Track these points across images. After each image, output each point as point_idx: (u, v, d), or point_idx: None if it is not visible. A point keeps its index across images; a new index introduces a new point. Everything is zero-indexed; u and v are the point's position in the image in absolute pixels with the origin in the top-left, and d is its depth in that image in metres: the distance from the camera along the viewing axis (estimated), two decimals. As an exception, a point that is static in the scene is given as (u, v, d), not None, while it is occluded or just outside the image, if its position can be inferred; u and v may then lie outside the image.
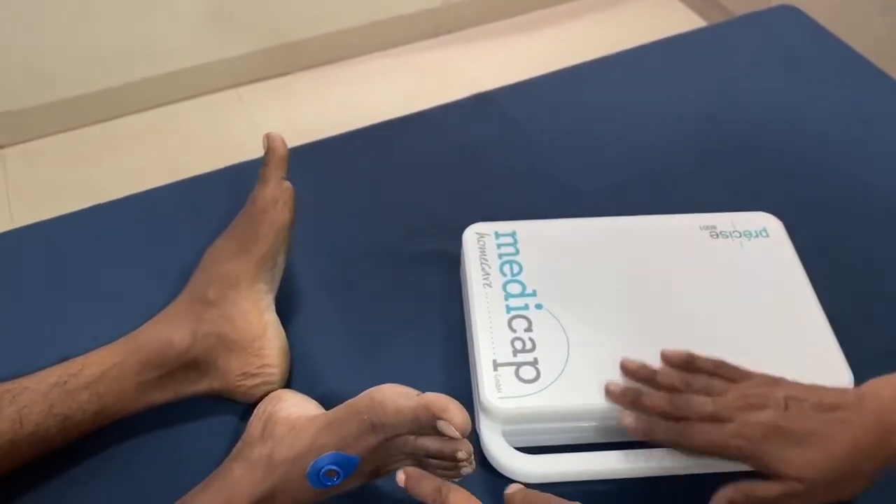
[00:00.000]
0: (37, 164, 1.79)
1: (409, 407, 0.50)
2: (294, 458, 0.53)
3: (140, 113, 1.88)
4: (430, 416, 0.50)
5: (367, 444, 0.52)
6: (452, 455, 0.51)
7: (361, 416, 0.52)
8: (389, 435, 0.52)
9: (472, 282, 0.66)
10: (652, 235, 0.70)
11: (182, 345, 0.61)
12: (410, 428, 0.51)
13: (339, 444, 0.52)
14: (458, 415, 0.49)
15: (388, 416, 0.51)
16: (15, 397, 0.57)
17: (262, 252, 0.63)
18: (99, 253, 0.75)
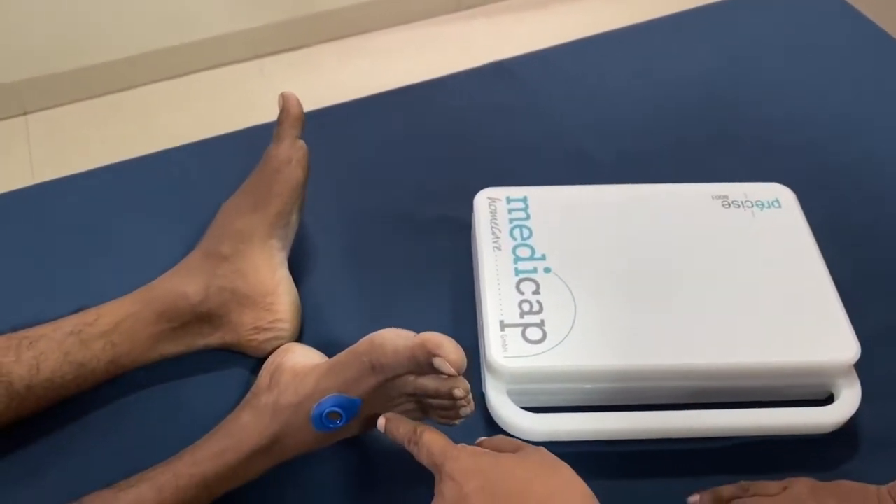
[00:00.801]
0: (59, 130, 1.81)
1: (407, 346, 0.51)
2: (298, 403, 0.55)
3: (161, 82, 1.89)
4: (426, 353, 0.50)
5: (367, 386, 0.53)
6: (449, 393, 0.52)
7: (361, 358, 0.53)
8: (389, 376, 0.53)
9: (481, 245, 0.66)
10: (663, 203, 0.70)
11: (195, 298, 0.62)
12: (408, 367, 0.52)
13: (341, 387, 0.53)
14: (452, 351, 0.50)
15: (386, 356, 0.52)
16: (32, 344, 0.58)
17: (276, 210, 0.64)
18: (116, 209, 0.76)
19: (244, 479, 0.55)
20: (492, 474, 0.46)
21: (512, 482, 0.46)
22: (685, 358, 0.60)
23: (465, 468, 0.46)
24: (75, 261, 0.72)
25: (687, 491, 0.58)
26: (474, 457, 0.48)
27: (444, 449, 0.49)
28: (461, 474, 0.46)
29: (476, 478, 0.46)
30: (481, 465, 0.47)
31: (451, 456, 0.48)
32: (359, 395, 0.53)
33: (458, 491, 0.46)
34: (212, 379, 0.64)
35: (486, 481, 0.46)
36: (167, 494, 0.52)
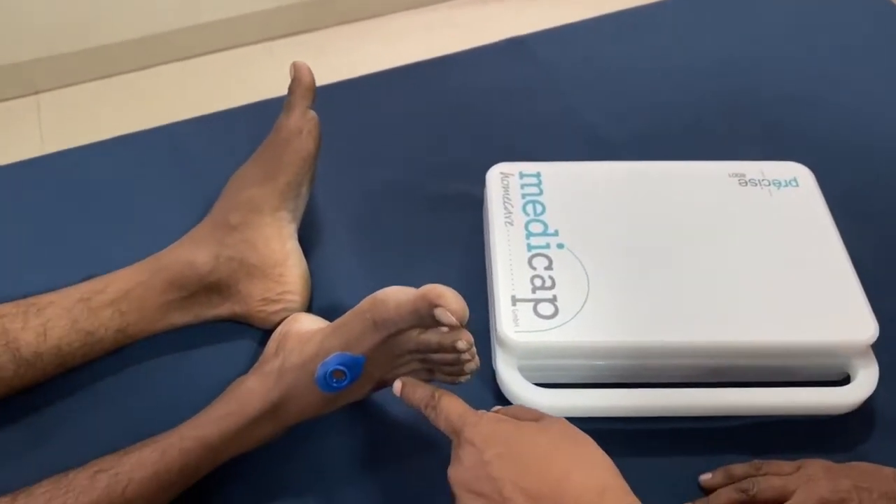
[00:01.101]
0: (70, 110, 1.81)
1: (408, 300, 0.50)
2: (302, 364, 0.54)
3: (171, 63, 1.89)
4: (428, 304, 0.49)
5: (370, 343, 0.52)
6: (453, 345, 0.51)
7: (364, 315, 0.52)
8: (392, 331, 0.52)
9: (493, 220, 0.66)
10: (679, 180, 0.69)
11: (204, 268, 0.61)
12: (411, 321, 0.51)
13: (344, 346, 0.53)
14: (453, 300, 0.49)
15: (388, 311, 0.51)
16: (40, 310, 0.58)
17: (286, 180, 0.63)
18: (125, 180, 0.75)
19: (250, 443, 0.55)
20: (513, 441, 0.45)
21: (534, 450, 0.45)
22: (699, 335, 0.59)
23: (485, 434, 0.46)
24: (84, 231, 0.71)
25: (699, 469, 0.57)
26: (495, 423, 0.47)
27: (463, 414, 0.48)
28: (481, 440, 0.45)
29: (497, 444, 0.45)
30: (502, 432, 0.46)
31: (470, 421, 0.47)
32: (362, 353, 0.52)
33: (478, 457, 0.45)
34: (220, 350, 0.63)
35: (507, 448, 0.45)
36: (171, 457, 0.52)
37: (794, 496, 0.53)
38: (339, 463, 0.58)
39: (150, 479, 0.51)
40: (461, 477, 0.46)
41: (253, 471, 0.57)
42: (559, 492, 0.42)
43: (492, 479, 0.44)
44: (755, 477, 0.55)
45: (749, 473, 0.56)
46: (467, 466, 0.45)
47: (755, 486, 0.54)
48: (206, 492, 0.55)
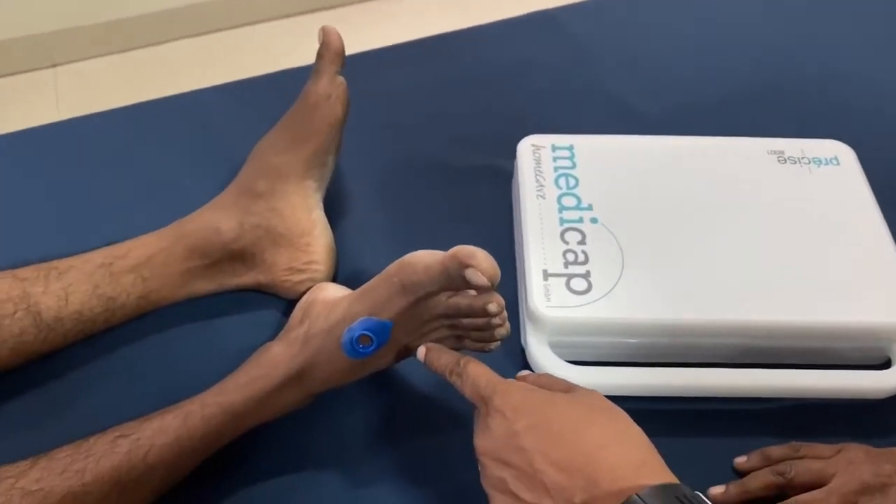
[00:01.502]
0: (87, 83, 1.80)
1: (437, 261, 0.49)
2: (329, 330, 0.52)
3: (191, 38, 1.87)
4: (458, 265, 0.47)
5: (398, 307, 0.51)
6: (483, 309, 0.49)
7: (391, 279, 0.51)
8: (420, 294, 0.50)
9: (524, 193, 0.64)
10: (716, 156, 0.67)
11: (229, 234, 0.60)
12: (440, 283, 0.49)
13: (371, 310, 0.51)
14: (485, 260, 0.47)
15: (417, 274, 0.50)
16: (61, 274, 0.57)
17: (313, 148, 0.62)
18: (147, 147, 0.74)
19: (274, 411, 0.54)
20: (545, 413, 0.44)
21: (566, 423, 0.43)
22: (736, 314, 0.57)
23: (516, 403, 0.44)
24: (105, 198, 0.70)
25: (734, 452, 0.56)
26: (526, 392, 0.45)
27: (491, 381, 0.46)
28: (512, 410, 0.44)
29: (528, 415, 0.43)
30: (534, 402, 0.44)
31: (500, 389, 0.45)
32: (390, 318, 0.51)
33: (508, 427, 0.43)
34: (243, 319, 0.62)
35: (539, 420, 0.43)
36: (193, 423, 0.51)
37: (834, 480, 0.52)
38: (363, 432, 0.57)
39: (172, 446, 0.50)
40: (489, 446, 0.44)
41: (276, 439, 0.56)
42: (592, 465, 0.41)
43: (522, 449, 0.42)
44: (793, 460, 0.54)
45: (786, 456, 0.54)
46: (496, 436, 0.44)
47: (792, 469, 0.53)
48: (229, 459, 0.54)
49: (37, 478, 0.47)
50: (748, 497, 0.53)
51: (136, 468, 0.49)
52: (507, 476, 0.42)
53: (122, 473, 0.48)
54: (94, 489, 0.48)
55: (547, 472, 0.41)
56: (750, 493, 0.53)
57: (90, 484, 0.48)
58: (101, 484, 0.48)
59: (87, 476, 0.48)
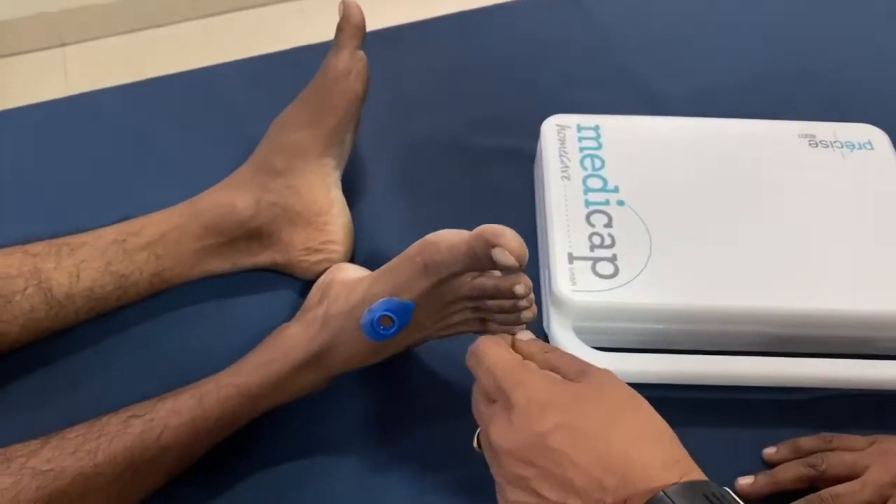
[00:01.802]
0: (97, 63, 1.78)
1: (463, 240, 0.47)
2: (348, 311, 0.51)
3: (201, 19, 1.85)
4: (484, 244, 0.46)
5: (420, 288, 0.49)
6: (510, 290, 0.47)
7: (414, 259, 0.49)
8: (444, 275, 0.48)
9: (548, 174, 0.62)
10: (746, 139, 0.65)
11: (245, 212, 0.59)
12: (465, 263, 0.47)
13: (393, 291, 0.49)
14: (513, 239, 0.45)
15: (441, 254, 0.48)
16: (73, 250, 0.56)
17: (333, 124, 0.60)
18: (162, 122, 0.72)
19: (290, 393, 0.52)
20: (573, 410, 0.41)
21: (596, 421, 0.41)
22: (766, 301, 0.56)
23: (541, 399, 0.42)
24: (118, 174, 0.68)
25: (763, 442, 0.54)
26: (550, 384, 0.43)
27: (511, 370, 0.43)
28: (538, 408, 0.41)
29: (555, 412, 0.41)
30: (560, 398, 0.42)
31: (520, 380, 0.43)
32: (412, 299, 0.49)
33: (533, 426, 0.41)
34: (259, 299, 0.60)
35: (568, 418, 0.41)
36: (208, 403, 0.49)
37: (868, 472, 0.50)
38: (380, 416, 0.56)
39: (187, 427, 0.49)
40: (512, 444, 0.42)
41: (291, 422, 0.54)
42: (624, 464, 0.39)
43: (550, 449, 0.40)
44: (824, 452, 0.52)
45: (818, 447, 0.52)
46: (521, 434, 0.41)
47: (824, 462, 0.51)
48: (244, 442, 0.52)
49: (48, 457, 0.46)
50: (778, 489, 0.52)
51: (149, 449, 0.48)
52: (529, 475, 0.40)
53: (134, 454, 0.47)
54: (107, 470, 0.47)
55: (577, 473, 0.39)
56: (780, 486, 0.52)
57: (102, 464, 0.46)
58: (113, 464, 0.47)
59: (100, 456, 0.46)
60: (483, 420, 0.44)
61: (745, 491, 0.52)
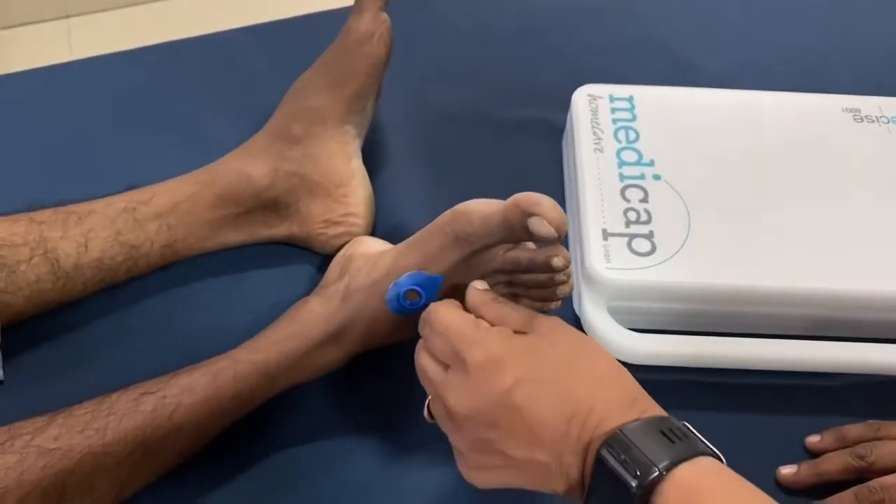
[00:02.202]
0: (101, 35, 1.75)
1: (497, 210, 0.44)
2: (371, 285, 0.49)
3: (210, -9, 1.81)
4: (520, 213, 0.43)
5: (450, 261, 0.46)
6: (546, 263, 0.45)
7: (444, 230, 0.46)
8: (476, 247, 0.45)
9: (580, 146, 0.59)
10: (787, 113, 0.62)
11: (261, 182, 0.56)
12: (499, 234, 0.44)
13: (421, 264, 0.47)
14: (551, 208, 0.42)
15: (473, 224, 0.45)
16: (81, 219, 0.53)
17: (354, 89, 0.57)
18: (170, 89, 0.69)
19: (310, 371, 0.50)
20: (531, 363, 0.40)
21: (554, 371, 0.39)
22: (810, 282, 0.53)
23: (498, 356, 0.40)
24: (129, 141, 0.65)
25: (806, 430, 0.52)
26: (500, 340, 0.41)
27: (464, 333, 0.41)
28: (493, 365, 0.39)
29: (513, 368, 0.39)
30: (517, 352, 0.40)
31: (473, 340, 0.41)
32: (440, 272, 0.47)
33: (494, 385, 0.39)
34: (275, 273, 0.58)
35: (527, 371, 0.39)
36: (224, 381, 0.47)
37: None
38: (403, 396, 0.52)
39: (201, 405, 0.47)
40: (473, 407, 0.40)
41: (310, 402, 0.52)
42: (587, 410, 0.38)
43: (514, 408, 0.39)
44: (872, 441, 0.49)
45: (864, 437, 0.50)
46: (482, 396, 0.39)
47: (872, 452, 0.49)
48: (260, 422, 0.50)
49: (55, 435, 0.44)
50: (822, 480, 0.49)
51: (161, 428, 0.45)
52: (494, 437, 0.39)
53: (146, 433, 0.45)
54: (116, 449, 0.44)
55: (543, 427, 0.38)
56: (824, 476, 0.49)
57: (111, 444, 0.44)
58: (123, 444, 0.44)
59: (109, 435, 0.44)
60: (437, 387, 0.42)
61: (787, 481, 0.50)
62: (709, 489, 0.36)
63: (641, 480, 0.35)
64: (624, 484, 0.36)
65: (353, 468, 0.50)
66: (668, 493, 0.35)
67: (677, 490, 0.35)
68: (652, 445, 0.36)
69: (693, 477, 0.36)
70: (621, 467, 0.36)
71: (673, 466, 0.35)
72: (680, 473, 0.35)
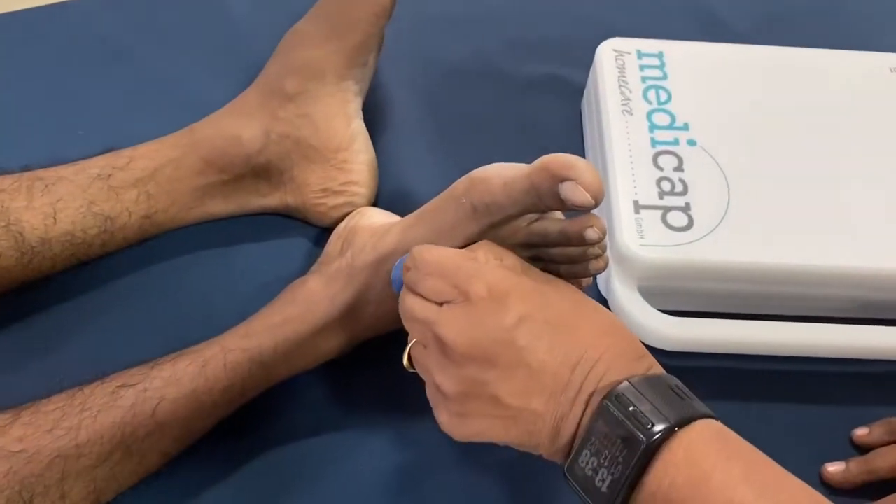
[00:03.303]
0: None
1: (522, 175, 0.39)
2: (378, 261, 0.44)
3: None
4: (550, 178, 0.37)
5: (466, 234, 0.41)
6: (579, 235, 0.39)
7: (459, 199, 0.41)
8: (496, 218, 0.40)
9: (607, 107, 0.54)
10: (830, 73, 0.58)
11: (252, 145, 0.51)
12: (524, 203, 0.39)
13: (432, 238, 0.42)
14: (587, 170, 0.37)
15: (493, 193, 0.39)
16: (48, 187, 0.48)
17: (356, 41, 0.52)
18: (147, 40, 0.63)
19: (308, 360, 0.46)
20: (534, 301, 0.36)
21: (559, 316, 0.36)
22: (864, 261, 0.49)
23: (501, 289, 0.36)
24: (100, 98, 0.59)
25: (852, 422, 0.48)
26: (505, 273, 0.37)
27: (461, 264, 0.37)
28: (498, 297, 0.36)
29: (517, 304, 0.36)
30: (520, 288, 0.37)
31: (475, 272, 0.37)
32: (456, 248, 0.41)
33: (496, 320, 0.36)
34: (267, 248, 0.54)
35: (530, 310, 0.36)
36: (213, 371, 0.43)
37: None
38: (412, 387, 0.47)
39: (187, 399, 0.42)
40: (472, 341, 0.36)
41: (310, 394, 0.48)
42: (594, 359, 0.36)
43: (516, 347, 0.36)
44: None
45: None
46: (483, 328, 0.36)
47: None
48: (254, 418, 0.46)
49: (19, 436, 0.39)
50: (873, 478, 0.45)
51: (142, 425, 0.41)
52: (490, 377, 0.36)
53: (125, 432, 0.41)
54: (91, 450, 0.40)
55: (545, 371, 0.35)
56: (875, 474, 0.45)
57: (86, 444, 0.40)
58: (99, 444, 0.40)
59: (83, 434, 0.40)
60: (431, 324, 0.37)
61: (835, 479, 0.46)
62: (719, 450, 0.33)
63: (649, 435, 0.33)
64: (631, 438, 0.33)
65: (357, 468, 0.46)
66: (678, 451, 0.33)
67: (686, 448, 0.33)
68: (662, 400, 0.34)
69: (704, 436, 0.34)
70: (629, 420, 0.33)
71: (684, 423, 0.33)
72: (690, 431, 0.33)
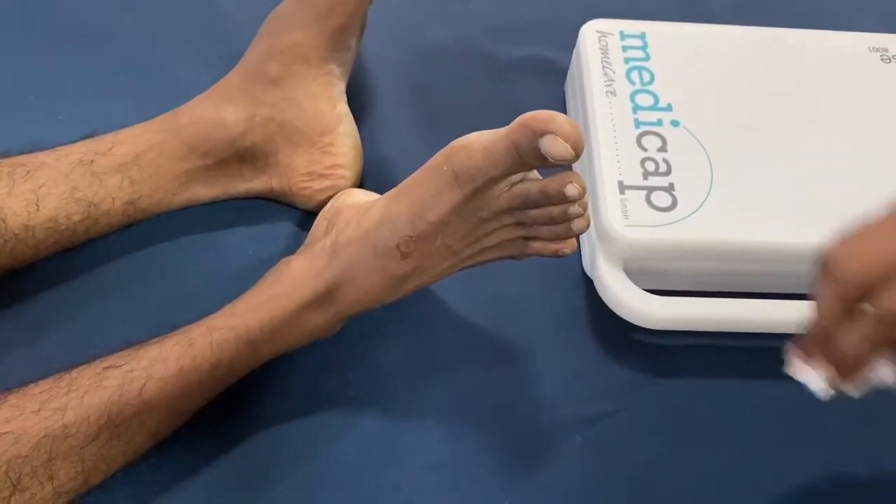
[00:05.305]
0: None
1: (500, 136, 0.39)
2: (362, 237, 0.44)
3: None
4: (531, 134, 0.38)
5: (450, 203, 0.41)
6: (559, 192, 0.40)
7: (440, 168, 0.42)
8: (478, 184, 0.41)
9: (590, 89, 0.54)
10: (810, 52, 0.58)
11: (236, 128, 0.50)
12: (506, 164, 0.40)
13: (415, 209, 0.42)
14: (565, 122, 0.37)
15: (474, 158, 0.40)
16: (30, 173, 0.47)
17: (339, 23, 0.52)
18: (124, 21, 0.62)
19: (297, 338, 0.45)
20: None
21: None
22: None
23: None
24: (77, 81, 0.59)
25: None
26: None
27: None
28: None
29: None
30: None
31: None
32: (439, 217, 0.42)
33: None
34: (252, 232, 0.53)
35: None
36: (199, 350, 0.42)
37: None
38: (402, 365, 0.49)
39: (174, 378, 0.42)
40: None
41: (298, 373, 0.48)
42: None
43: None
44: None
45: None
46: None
47: None
48: (241, 397, 0.46)
49: (6, 417, 0.39)
50: None
51: (129, 405, 0.41)
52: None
53: (112, 412, 0.40)
54: (78, 430, 0.40)
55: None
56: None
57: (73, 424, 0.40)
58: (86, 424, 0.40)
59: (70, 415, 0.40)
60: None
61: None
62: None
63: None
64: None
65: (347, 447, 0.46)
66: None
67: None
68: None
69: None
70: None
71: None
72: None
